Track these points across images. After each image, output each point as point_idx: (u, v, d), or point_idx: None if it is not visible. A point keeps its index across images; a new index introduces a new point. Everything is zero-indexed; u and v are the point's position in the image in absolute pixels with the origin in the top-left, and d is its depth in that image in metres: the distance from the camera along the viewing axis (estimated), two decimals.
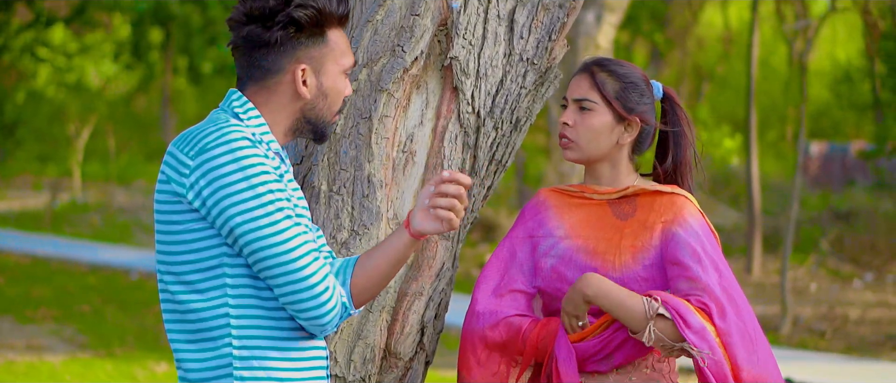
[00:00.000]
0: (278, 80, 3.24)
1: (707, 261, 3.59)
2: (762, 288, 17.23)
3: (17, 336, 12.46)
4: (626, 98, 3.69)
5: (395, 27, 3.78)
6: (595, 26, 13.21)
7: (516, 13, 3.89)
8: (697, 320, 3.51)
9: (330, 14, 3.23)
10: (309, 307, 3.11)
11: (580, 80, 3.74)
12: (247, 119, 3.22)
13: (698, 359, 3.50)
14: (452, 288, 3.93)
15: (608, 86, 3.69)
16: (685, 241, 3.60)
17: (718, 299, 3.55)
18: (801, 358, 12.78)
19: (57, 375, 10.69)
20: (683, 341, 3.51)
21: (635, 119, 3.70)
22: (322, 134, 3.32)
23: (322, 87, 3.26)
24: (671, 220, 3.64)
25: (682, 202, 3.69)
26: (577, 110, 3.71)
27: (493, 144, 3.92)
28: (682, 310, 3.51)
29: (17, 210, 27.85)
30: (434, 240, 3.82)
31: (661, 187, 3.72)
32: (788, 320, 14.38)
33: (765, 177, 25.23)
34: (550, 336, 3.65)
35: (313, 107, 3.27)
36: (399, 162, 3.80)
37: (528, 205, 3.85)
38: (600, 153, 3.71)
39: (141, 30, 28.14)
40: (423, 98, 3.84)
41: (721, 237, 13.55)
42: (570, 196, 3.80)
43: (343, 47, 3.29)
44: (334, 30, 3.27)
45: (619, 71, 3.71)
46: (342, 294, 3.18)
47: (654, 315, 3.52)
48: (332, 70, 3.26)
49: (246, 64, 3.26)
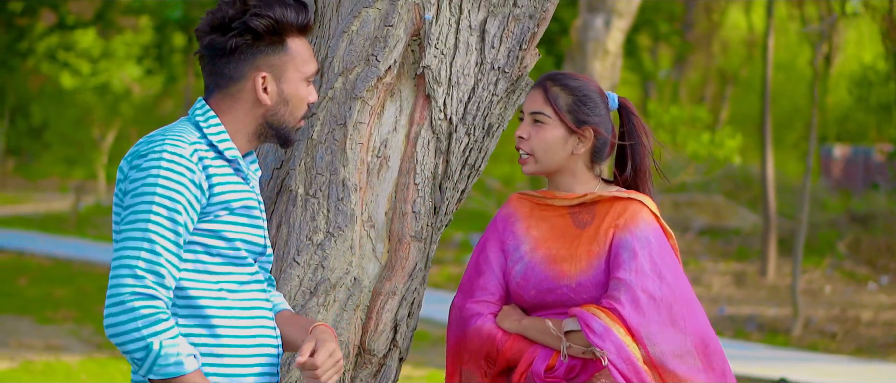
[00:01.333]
0: (240, 87, 3.39)
1: (642, 261, 3.76)
2: (776, 290, 17.31)
3: (36, 336, 12.64)
4: (578, 111, 3.85)
5: (369, 37, 3.93)
6: (604, 31, 13.31)
7: (487, 23, 4.04)
8: (599, 323, 3.70)
9: (288, 23, 3.38)
10: (111, 296, 3.19)
11: (535, 94, 3.91)
12: (207, 128, 3.38)
13: (600, 358, 3.68)
14: (425, 288, 4.09)
15: (560, 100, 3.86)
16: (628, 244, 3.78)
17: (634, 295, 3.73)
18: (811, 360, 12.86)
19: (73, 375, 10.86)
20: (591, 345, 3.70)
21: (588, 130, 3.86)
22: (286, 139, 3.47)
23: (283, 94, 3.41)
24: (622, 226, 3.82)
25: (635, 208, 3.85)
26: (531, 123, 3.89)
27: (465, 149, 4.07)
28: (586, 317, 3.72)
29: (42, 212, 28.12)
30: (407, 241, 3.98)
31: (619, 193, 3.88)
32: (800, 322, 14.47)
33: (786, 179, 25.29)
34: (521, 351, 3.84)
35: (275, 114, 3.42)
36: (373, 166, 3.96)
37: (499, 213, 4.03)
38: (555, 165, 3.88)
39: (164, 34, 28.39)
40: (396, 105, 4.00)
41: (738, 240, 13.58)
42: (536, 203, 3.97)
43: (305, 55, 3.44)
44: (295, 38, 3.42)
45: (572, 84, 3.88)
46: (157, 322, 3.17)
47: (563, 331, 3.75)
48: (293, 77, 3.42)
49: (210, 72, 3.42)
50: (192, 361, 3.19)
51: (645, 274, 3.75)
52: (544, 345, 3.81)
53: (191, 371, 3.18)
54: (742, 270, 18.75)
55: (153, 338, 3.14)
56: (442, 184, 4.05)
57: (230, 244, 3.35)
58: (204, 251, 3.33)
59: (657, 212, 3.90)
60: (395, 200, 3.99)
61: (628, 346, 3.70)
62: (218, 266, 3.35)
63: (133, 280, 3.17)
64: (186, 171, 3.25)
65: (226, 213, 3.35)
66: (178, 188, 3.24)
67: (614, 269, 3.78)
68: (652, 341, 3.72)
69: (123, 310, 3.15)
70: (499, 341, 3.86)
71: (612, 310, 3.72)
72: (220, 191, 3.33)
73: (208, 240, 3.33)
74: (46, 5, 28.74)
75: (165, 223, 3.22)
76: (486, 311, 3.91)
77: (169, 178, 3.24)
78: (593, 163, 3.93)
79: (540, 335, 3.82)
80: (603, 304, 3.74)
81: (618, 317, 3.72)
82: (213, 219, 3.33)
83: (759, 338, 14.32)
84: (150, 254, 3.19)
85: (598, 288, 3.79)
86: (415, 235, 3.99)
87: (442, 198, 4.05)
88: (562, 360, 3.76)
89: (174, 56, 29.82)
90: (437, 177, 4.04)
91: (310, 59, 3.45)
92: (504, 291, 3.94)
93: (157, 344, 3.15)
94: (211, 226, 3.33)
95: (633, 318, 3.72)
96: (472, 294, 3.95)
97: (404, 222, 3.98)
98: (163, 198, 3.22)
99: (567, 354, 3.75)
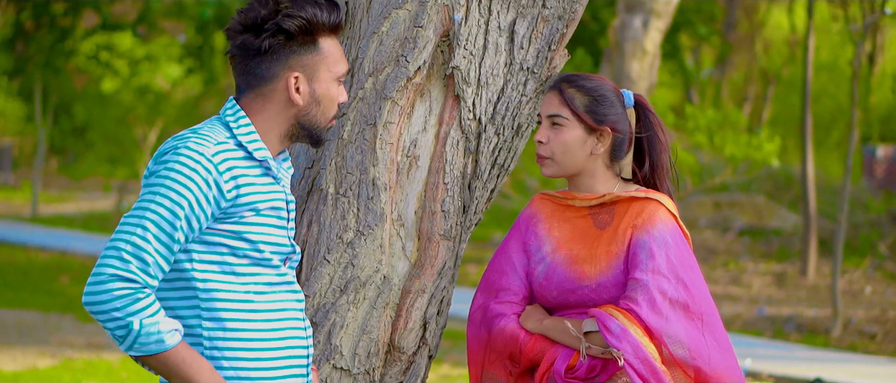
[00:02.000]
0: (272, 87, 3.42)
1: (660, 261, 3.80)
2: (816, 291, 17.24)
3: (78, 334, 12.75)
4: (595, 110, 3.88)
5: (399, 38, 3.98)
6: (642, 31, 13.32)
7: (516, 24, 4.08)
8: (617, 323, 3.74)
9: (320, 23, 3.40)
10: (107, 268, 3.24)
11: (550, 97, 3.94)
12: (236, 128, 3.41)
13: (618, 358, 3.72)
14: (454, 286, 4.13)
15: (577, 100, 3.89)
16: (645, 244, 3.82)
17: (651, 295, 3.76)
18: (850, 361, 12.80)
19: (113, 373, 10.94)
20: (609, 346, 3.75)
21: (606, 129, 3.89)
22: (318, 139, 3.50)
23: (315, 94, 3.44)
24: (639, 226, 3.85)
25: (653, 207, 3.88)
26: (549, 126, 3.92)
27: (495, 149, 4.11)
28: (604, 318, 3.76)
29: (85, 211, 28.31)
30: (436, 240, 4.02)
31: (637, 192, 3.91)
32: (839, 323, 14.41)
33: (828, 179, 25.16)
34: (543, 351, 3.89)
35: (307, 114, 3.45)
36: (403, 166, 4.01)
37: (523, 214, 4.07)
38: (576, 166, 3.92)
39: (205, 34, 28.52)
40: (426, 105, 4.04)
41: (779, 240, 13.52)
42: (557, 203, 4.02)
43: (336, 55, 3.46)
44: (327, 38, 3.44)
45: (587, 85, 3.91)
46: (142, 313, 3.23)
47: (582, 331, 3.80)
48: (325, 77, 3.44)
49: (242, 72, 3.45)
50: (174, 336, 3.25)
51: (662, 274, 3.78)
52: (565, 346, 3.85)
53: (171, 346, 3.25)
54: (782, 271, 18.69)
55: (132, 318, 3.20)
56: (471, 183, 4.09)
57: (253, 246, 3.38)
58: (230, 252, 3.37)
59: (675, 211, 3.92)
60: (424, 199, 4.04)
61: (646, 347, 3.73)
62: (244, 267, 3.39)
63: (118, 262, 3.22)
64: (202, 170, 3.29)
65: (252, 215, 3.37)
66: (188, 185, 3.28)
67: (632, 270, 3.81)
68: (671, 341, 3.75)
69: (103, 290, 3.20)
70: (521, 341, 3.89)
71: (629, 311, 3.76)
72: (246, 193, 3.36)
73: (232, 241, 3.37)
74: (89, 6, 28.97)
75: (165, 213, 3.26)
76: (510, 312, 3.94)
77: (181, 173, 3.28)
78: (612, 161, 3.96)
79: (561, 335, 3.86)
80: (620, 305, 3.78)
81: (635, 318, 3.75)
82: (238, 221, 3.36)
83: (798, 339, 14.28)
84: (141, 240, 3.24)
85: (618, 288, 3.83)
86: (444, 234, 4.04)
87: (471, 198, 4.09)
88: (581, 361, 3.79)
89: (215, 56, 29.97)
90: (466, 176, 4.08)
91: (341, 59, 3.48)
92: (527, 291, 3.97)
93: (137, 324, 3.21)
94: (235, 228, 3.36)
95: (651, 318, 3.75)
96: (496, 294, 3.99)
97: (433, 221, 4.02)
98: (169, 191, 3.27)
99: (586, 355, 3.78)
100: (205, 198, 3.30)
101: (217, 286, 3.37)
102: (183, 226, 3.28)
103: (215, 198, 3.31)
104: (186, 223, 3.28)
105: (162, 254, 3.26)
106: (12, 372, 10.80)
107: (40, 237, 23.06)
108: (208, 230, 3.36)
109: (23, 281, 17.28)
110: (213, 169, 3.30)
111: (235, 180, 3.34)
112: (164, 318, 3.25)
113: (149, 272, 3.24)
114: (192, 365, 3.28)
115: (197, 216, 3.29)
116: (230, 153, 3.36)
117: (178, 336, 3.27)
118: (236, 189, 3.34)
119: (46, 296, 15.42)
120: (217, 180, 3.31)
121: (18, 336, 12.69)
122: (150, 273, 3.25)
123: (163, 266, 3.28)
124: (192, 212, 3.28)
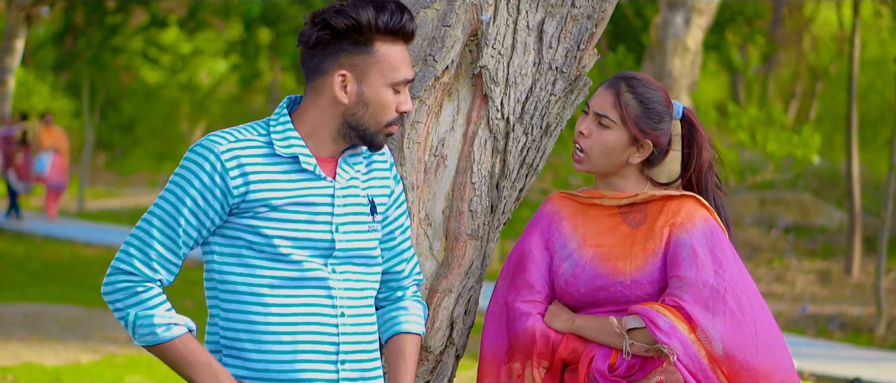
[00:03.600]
0: (322, 81, 3.44)
1: (703, 259, 3.76)
2: (861, 288, 17.13)
3: (120, 330, 12.80)
4: (644, 122, 3.86)
5: (427, 37, 3.98)
6: (683, 29, 13.25)
7: (545, 24, 4.07)
8: (666, 320, 3.70)
9: (373, 25, 3.38)
10: (114, 262, 3.42)
11: (605, 94, 3.89)
12: (274, 125, 3.47)
13: (669, 354, 3.68)
14: (481, 286, 4.13)
15: (631, 107, 3.85)
16: (686, 243, 3.78)
17: (698, 292, 3.73)
18: (892, 360, 12.71)
19: (154, 368, 11.00)
20: (657, 342, 3.71)
21: (648, 142, 3.87)
22: (370, 142, 3.49)
23: (363, 96, 3.42)
24: (678, 224, 3.82)
25: (691, 205, 3.86)
26: (595, 122, 3.89)
27: (523, 149, 4.11)
28: (652, 315, 3.72)
29: (131, 207, 28.44)
30: (463, 239, 4.02)
31: (672, 191, 3.89)
32: (883, 321, 14.31)
33: (875, 177, 24.98)
34: (577, 350, 3.86)
35: (353, 114, 3.44)
36: (430, 165, 4.01)
37: (541, 211, 4.04)
38: (609, 168, 3.90)
39: (250, 30, 28.63)
40: (454, 105, 4.04)
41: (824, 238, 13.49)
42: (580, 202, 3.99)
43: (394, 62, 3.42)
44: (386, 43, 3.41)
45: (645, 94, 3.87)
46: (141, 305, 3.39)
47: (625, 328, 3.76)
48: (376, 81, 3.41)
49: (302, 64, 3.50)
50: (169, 330, 3.38)
51: (707, 270, 3.75)
52: (601, 344, 3.83)
53: (165, 339, 3.38)
54: (827, 268, 18.58)
55: (130, 310, 3.38)
56: (499, 183, 4.08)
57: (268, 241, 3.41)
58: (246, 246, 3.43)
59: (713, 212, 3.91)
60: (451, 199, 4.03)
61: (694, 344, 3.71)
62: (260, 261, 3.42)
63: (124, 256, 3.41)
64: (207, 165, 3.37)
65: (266, 210, 3.40)
66: (191, 180, 3.39)
67: (674, 268, 3.78)
68: (716, 337, 3.72)
69: (108, 283, 3.40)
70: (553, 341, 3.86)
71: (676, 308, 3.73)
72: (258, 189, 3.39)
73: (249, 235, 3.42)
74: (139, 3, 29.13)
75: (169, 208, 3.40)
76: (534, 311, 3.91)
77: (187, 168, 3.40)
78: (646, 166, 3.95)
79: (597, 333, 3.82)
80: (666, 302, 3.75)
81: (682, 315, 3.73)
82: (254, 216, 3.41)
83: (841, 338, 14.19)
84: (146, 235, 3.40)
85: (653, 285, 3.81)
86: (471, 234, 4.03)
87: (499, 198, 4.08)
88: (624, 357, 3.77)
89: (260, 52, 30.07)
90: (494, 176, 4.07)
91: (400, 67, 3.44)
92: (550, 289, 3.95)
93: (132, 316, 3.38)
94: (251, 222, 3.41)
95: (698, 315, 3.72)
96: (519, 291, 3.96)
97: (461, 221, 4.02)
98: (174, 187, 3.41)
99: (630, 352, 3.76)
100: (210, 192, 3.38)
101: (234, 278, 3.44)
102: (189, 220, 3.39)
103: (222, 192, 3.38)
104: (193, 217, 3.39)
105: (167, 247, 3.40)
106: (54, 367, 10.88)
107: (87, 232, 23.22)
108: (227, 224, 3.43)
109: (67, 276, 17.41)
110: (220, 164, 3.37)
111: (245, 176, 3.39)
112: (164, 312, 3.38)
113: (152, 266, 3.39)
114: (189, 359, 3.39)
115: (203, 210, 3.39)
116: (249, 149, 3.42)
117: (178, 330, 3.39)
118: (245, 185, 3.39)
119: (91, 292, 15.50)
120: (223, 175, 3.38)
121: (61, 331, 12.78)
122: (153, 267, 3.39)
123: (170, 258, 3.41)
124: (196, 205, 3.38)
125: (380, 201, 3.60)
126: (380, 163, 3.62)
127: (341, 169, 3.51)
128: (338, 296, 3.50)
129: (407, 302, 3.72)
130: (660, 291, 3.82)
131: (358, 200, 3.54)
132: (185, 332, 3.41)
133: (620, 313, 3.82)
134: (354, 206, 3.53)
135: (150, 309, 3.38)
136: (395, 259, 3.71)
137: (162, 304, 3.39)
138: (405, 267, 3.72)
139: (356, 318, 3.54)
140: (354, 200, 3.54)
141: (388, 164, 3.65)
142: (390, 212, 3.66)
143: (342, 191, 3.50)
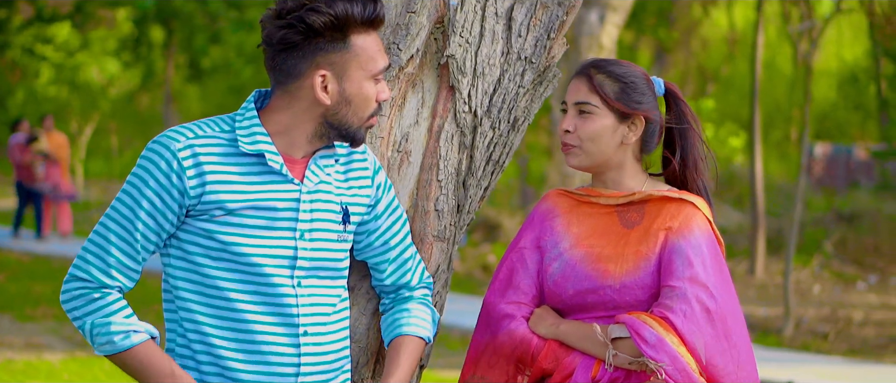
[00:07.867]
0: (299, 84, 3.18)
1: (697, 270, 3.53)
2: (765, 289, 17.20)
3: (17, 334, 12.44)
4: (627, 97, 3.62)
5: (390, 24, 3.71)
6: (598, 26, 13.13)
7: (514, 11, 3.82)
8: (653, 333, 3.47)
9: (352, 18, 3.14)
10: (71, 268, 3.23)
11: (578, 83, 3.67)
12: (239, 121, 3.21)
13: (657, 371, 3.45)
14: (448, 290, 3.86)
15: (607, 87, 3.62)
16: (682, 250, 3.55)
17: (689, 305, 3.50)
18: (804, 361, 12.73)
19: (55, 374, 10.66)
20: (642, 356, 3.47)
21: (639, 116, 3.63)
22: (352, 138, 3.25)
23: (345, 94, 3.19)
24: (676, 230, 3.58)
25: (690, 211, 3.62)
26: (576, 115, 3.65)
27: (490, 144, 3.85)
28: (638, 326, 3.49)
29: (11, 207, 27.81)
30: (429, 242, 3.76)
31: (671, 193, 3.66)
32: (791, 322, 14.33)
33: (769, 178, 25.19)
34: (558, 359, 3.60)
35: (336, 114, 3.20)
36: (393, 162, 3.74)
37: (537, 209, 3.80)
38: (605, 156, 3.65)
39: (143, 27, 28.12)
40: (418, 97, 3.78)
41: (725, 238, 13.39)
42: (577, 200, 3.75)
43: (371, 52, 3.20)
44: (360, 34, 3.18)
45: (618, 71, 3.65)
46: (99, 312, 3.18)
47: (610, 338, 3.52)
48: (357, 76, 3.19)
49: (270, 66, 3.22)
50: (127, 338, 3.14)
51: (699, 283, 3.52)
52: (584, 353, 3.57)
53: (124, 348, 3.14)
54: (730, 269, 18.61)
55: (86, 318, 3.18)
56: (465, 180, 3.82)
57: (224, 248, 3.17)
58: (202, 253, 3.18)
59: (711, 216, 3.67)
60: (416, 198, 3.77)
61: (683, 357, 3.47)
62: (217, 271, 3.18)
63: (80, 261, 3.19)
64: (163, 164, 3.13)
65: (221, 213, 3.16)
66: (147, 180, 3.14)
67: (666, 277, 3.54)
68: (706, 353, 3.48)
69: (64, 290, 3.21)
70: (534, 347, 3.61)
71: (664, 320, 3.49)
72: (214, 191, 3.15)
73: (204, 240, 3.17)
74: None
75: (125, 211, 3.15)
76: (519, 314, 3.66)
77: (143, 168, 3.16)
78: (642, 154, 3.71)
79: (581, 341, 3.57)
80: (654, 313, 3.51)
81: (671, 327, 3.48)
82: (209, 219, 3.17)
83: (751, 338, 14.18)
84: (103, 239, 3.17)
85: (644, 291, 3.56)
86: (437, 235, 3.77)
87: (465, 196, 3.82)
88: (606, 369, 3.52)
89: (153, 51, 29.55)
90: (460, 173, 3.81)
91: (377, 55, 3.22)
92: (538, 291, 3.69)
93: (89, 324, 3.18)
94: (206, 226, 3.17)
95: (688, 329, 3.48)
96: (504, 293, 3.70)
97: (426, 221, 3.76)
98: (130, 188, 3.17)
99: (612, 364, 3.51)
100: (167, 193, 3.14)
101: (187, 285, 3.20)
102: (147, 223, 3.15)
103: (179, 192, 3.14)
104: (151, 220, 3.15)
105: (125, 253, 3.15)
106: None
107: None
108: (183, 228, 3.18)
109: None
110: (176, 162, 3.13)
111: (202, 176, 3.14)
112: (122, 319, 3.14)
113: (109, 272, 3.15)
114: (148, 368, 3.15)
115: (161, 211, 3.14)
116: (209, 146, 3.16)
117: (138, 338, 3.14)
118: (202, 186, 3.14)
119: None
120: (179, 174, 3.13)
121: None
122: (111, 273, 3.15)
123: (128, 264, 3.17)
124: (154, 207, 3.14)
125: (355, 210, 3.35)
126: (360, 169, 3.38)
127: (311, 171, 3.26)
128: (301, 313, 3.25)
129: (411, 304, 3.51)
130: (651, 298, 3.57)
131: (328, 206, 3.30)
132: (146, 339, 3.17)
133: (609, 321, 3.58)
134: (323, 213, 3.28)
135: (107, 316, 3.15)
136: (399, 270, 3.50)
137: (119, 311, 3.16)
138: (411, 276, 3.52)
139: (319, 337, 3.30)
140: (324, 206, 3.29)
141: (371, 170, 3.41)
142: (382, 221, 3.44)
143: (310, 196, 3.25)
